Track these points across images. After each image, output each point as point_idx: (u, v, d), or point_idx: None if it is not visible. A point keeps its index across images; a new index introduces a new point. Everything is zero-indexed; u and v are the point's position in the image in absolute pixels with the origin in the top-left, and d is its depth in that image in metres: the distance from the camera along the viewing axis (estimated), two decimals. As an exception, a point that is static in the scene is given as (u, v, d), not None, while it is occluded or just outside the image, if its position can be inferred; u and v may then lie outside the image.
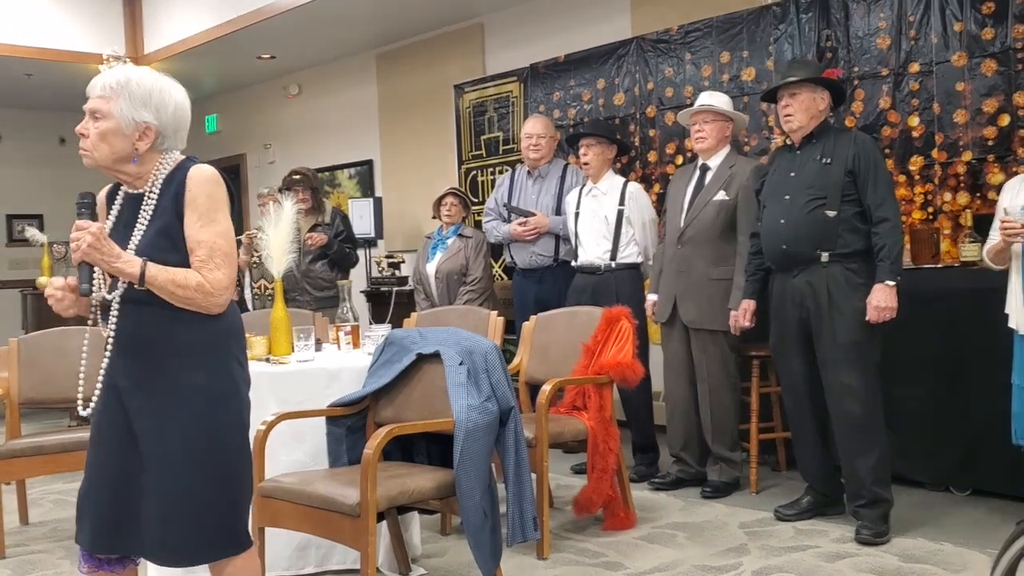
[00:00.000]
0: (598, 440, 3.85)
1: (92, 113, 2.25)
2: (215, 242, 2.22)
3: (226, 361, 2.30)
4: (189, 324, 2.24)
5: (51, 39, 7.90)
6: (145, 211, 2.25)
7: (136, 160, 2.26)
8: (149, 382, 2.23)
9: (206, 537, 2.25)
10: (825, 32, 4.91)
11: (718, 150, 4.45)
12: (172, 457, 2.21)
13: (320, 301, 5.78)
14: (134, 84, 2.25)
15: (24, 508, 4.42)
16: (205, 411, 2.24)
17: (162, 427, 2.22)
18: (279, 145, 9.24)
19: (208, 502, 2.23)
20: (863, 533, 3.63)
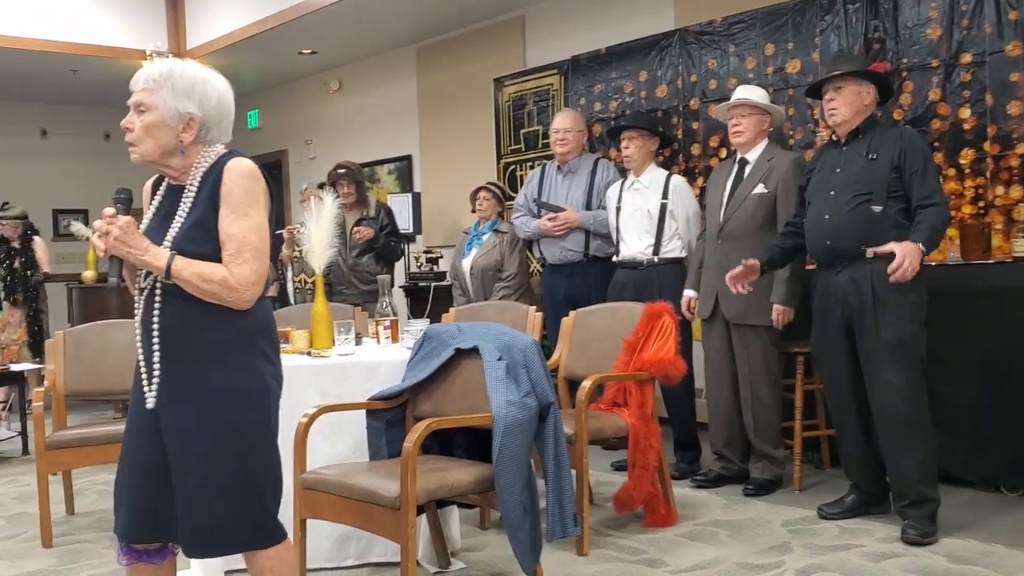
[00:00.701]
0: (639, 437, 3.81)
1: (136, 106, 2.25)
2: (245, 236, 2.21)
3: (254, 358, 2.28)
4: (219, 319, 2.23)
5: (95, 35, 8.01)
6: (184, 203, 2.25)
7: (183, 152, 2.26)
8: (176, 375, 2.24)
9: (230, 530, 2.25)
10: (873, 23, 4.82)
11: (756, 143, 4.40)
12: (193, 451, 2.22)
13: (366, 295, 5.82)
14: (177, 75, 2.25)
15: (70, 498, 4.48)
16: (229, 407, 2.23)
17: (186, 421, 2.22)
18: (320, 141, 9.29)
19: (230, 497, 2.23)
20: (909, 533, 3.57)
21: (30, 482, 4.98)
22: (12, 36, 7.61)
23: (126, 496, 2.30)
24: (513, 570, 3.33)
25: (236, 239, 2.20)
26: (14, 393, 6.68)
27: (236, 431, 2.24)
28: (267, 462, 2.30)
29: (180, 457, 2.22)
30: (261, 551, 2.30)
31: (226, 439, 2.23)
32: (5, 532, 4.21)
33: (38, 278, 7.50)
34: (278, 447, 2.36)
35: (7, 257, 7.49)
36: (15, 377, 6.26)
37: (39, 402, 4.04)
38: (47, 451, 3.98)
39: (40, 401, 4.04)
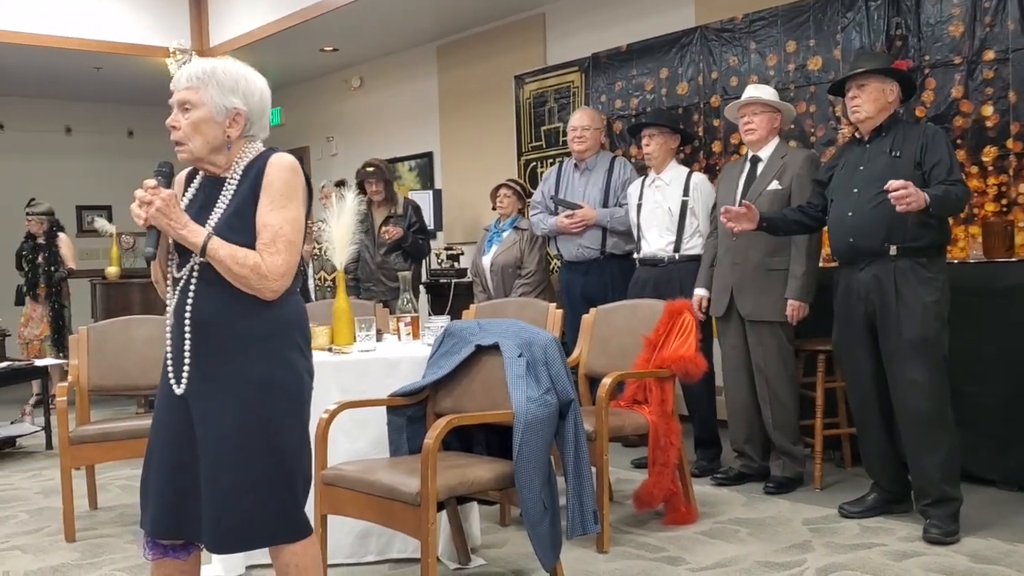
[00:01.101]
0: (659, 434, 3.81)
1: (181, 105, 2.27)
2: (281, 227, 2.24)
3: (287, 350, 2.31)
4: (253, 311, 2.26)
5: (119, 33, 8.06)
6: (225, 194, 2.29)
7: (229, 147, 2.29)
8: (210, 366, 2.25)
9: (259, 523, 2.26)
10: (895, 20, 4.79)
11: (768, 141, 4.41)
12: (226, 443, 2.23)
13: (394, 292, 5.87)
14: (221, 72, 2.28)
15: (93, 493, 4.52)
16: (262, 399, 2.25)
17: (218, 412, 2.24)
18: (341, 137, 9.32)
19: (261, 489, 2.25)
20: (931, 532, 3.55)
21: (54, 477, 5.04)
22: (37, 34, 7.68)
23: (153, 492, 2.32)
24: (533, 567, 3.34)
25: (271, 229, 2.23)
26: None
27: (269, 422, 2.25)
28: (298, 455, 2.32)
29: (212, 448, 2.24)
30: (287, 545, 2.31)
31: (259, 430, 2.24)
32: (29, 526, 4.26)
33: (62, 274, 7.56)
34: (309, 441, 2.38)
35: (31, 252, 7.55)
36: (39, 372, 6.32)
37: (63, 397, 4.07)
38: (70, 446, 4.01)
39: (64, 396, 4.08)
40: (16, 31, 7.58)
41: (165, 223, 2.17)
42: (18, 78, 9.04)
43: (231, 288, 2.23)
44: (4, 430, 6.12)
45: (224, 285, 2.24)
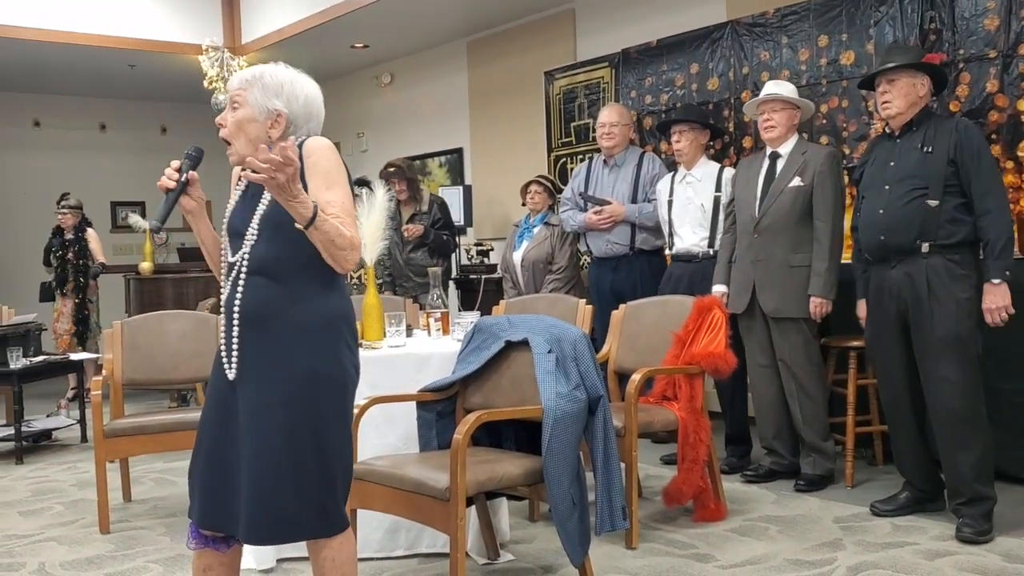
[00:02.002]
0: (688, 431, 3.80)
1: (231, 103, 2.37)
2: (343, 202, 2.28)
3: (336, 344, 2.33)
4: (305, 303, 2.30)
5: (153, 31, 8.15)
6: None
7: (271, 147, 2.29)
8: (261, 357, 2.29)
9: (299, 516, 2.28)
10: (929, 13, 4.73)
11: (787, 138, 4.39)
12: (271, 434, 2.25)
13: (422, 287, 5.99)
14: (268, 76, 2.37)
15: (127, 486, 4.58)
16: (309, 392, 2.27)
17: (264, 403, 2.27)
18: (372, 134, 9.36)
19: (303, 482, 2.26)
20: (964, 531, 3.51)
21: (88, 469, 5.11)
22: (72, 32, 7.78)
23: (198, 482, 2.36)
24: (562, 563, 3.34)
25: (338, 204, 2.26)
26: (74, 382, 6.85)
27: (314, 414, 2.28)
28: (341, 448, 2.34)
29: (256, 439, 2.26)
30: (325, 540, 2.33)
31: (303, 422, 2.27)
32: (64, 518, 4.32)
33: (96, 269, 7.65)
34: (351, 437, 2.40)
35: (61, 248, 7.65)
36: (75, 366, 6.41)
37: (97, 391, 4.12)
38: (105, 439, 4.06)
39: (98, 390, 4.13)
40: (52, 29, 7.69)
41: (287, 190, 2.13)
42: (54, 76, 9.16)
43: (280, 280, 2.29)
44: (41, 423, 6.21)
45: (272, 276, 2.29)
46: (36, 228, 8.97)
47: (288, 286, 2.29)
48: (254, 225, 2.31)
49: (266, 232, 2.30)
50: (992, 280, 3.49)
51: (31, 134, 10.16)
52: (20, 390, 5.62)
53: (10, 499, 4.70)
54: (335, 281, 2.36)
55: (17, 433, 5.57)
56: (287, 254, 2.29)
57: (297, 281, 2.30)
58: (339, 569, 2.35)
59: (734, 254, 4.49)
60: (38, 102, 10.09)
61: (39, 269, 7.97)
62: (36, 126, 10.19)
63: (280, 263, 2.29)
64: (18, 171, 10.01)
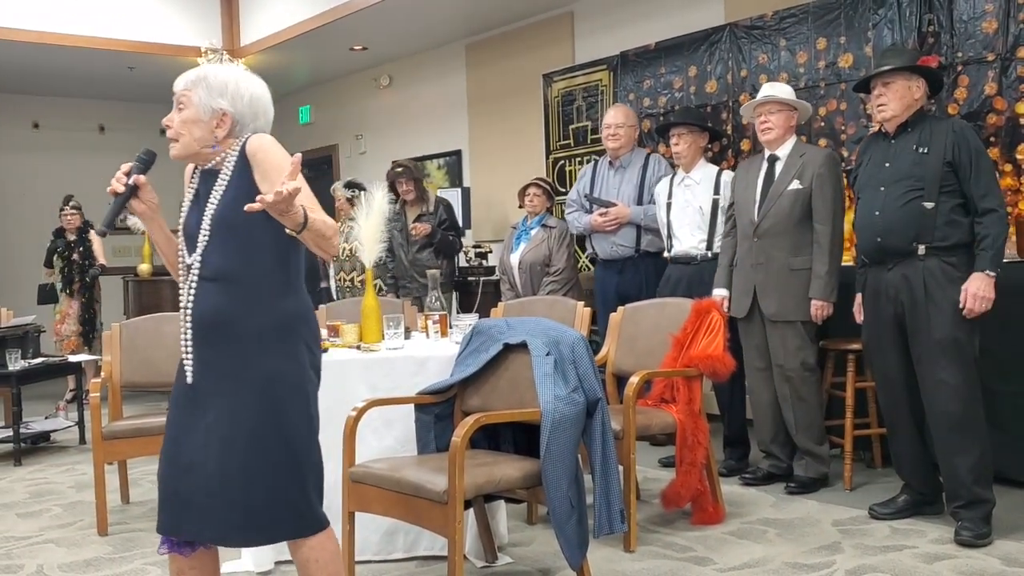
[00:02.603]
0: (687, 433, 3.80)
1: (177, 104, 2.37)
2: (305, 190, 2.21)
3: (296, 346, 2.34)
4: (263, 308, 2.30)
5: (152, 33, 8.16)
6: (219, 185, 2.33)
7: (216, 147, 2.35)
8: (220, 362, 2.29)
9: (271, 517, 2.29)
10: (927, 16, 4.74)
11: (785, 140, 4.38)
12: (238, 439, 2.26)
13: (427, 288, 5.96)
14: (212, 76, 2.37)
15: (125, 488, 4.58)
16: (272, 395, 2.28)
17: (230, 409, 2.27)
18: (370, 136, 9.36)
19: (272, 482, 2.27)
20: (963, 534, 3.51)
21: (87, 471, 5.11)
22: (71, 34, 7.79)
23: (162, 488, 2.35)
24: (560, 566, 3.34)
25: (304, 195, 2.19)
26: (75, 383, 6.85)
27: (279, 416, 2.29)
28: (308, 448, 2.34)
29: (221, 442, 2.26)
30: (305, 540, 2.33)
31: (269, 424, 2.27)
32: (62, 520, 4.32)
33: (96, 271, 7.66)
34: (318, 434, 2.39)
35: (66, 249, 7.65)
36: (73, 368, 6.41)
37: (96, 393, 4.12)
38: (103, 441, 4.06)
39: (97, 392, 4.13)
40: (51, 32, 7.69)
41: (283, 207, 2.08)
42: (53, 78, 9.16)
43: (235, 285, 2.29)
44: (39, 425, 6.20)
45: (227, 281, 2.29)
46: (35, 230, 8.97)
47: (245, 291, 2.29)
48: (205, 227, 2.30)
49: (218, 235, 2.29)
50: (987, 271, 3.48)
51: (30, 136, 10.16)
52: (19, 392, 5.62)
53: (8, 501, 4.70)
54: (292, 283, 2.36)
55: (16, 435, 5.57)
56: (242, 258, 2.29)
57: (254, 285, 2.30)
58: (324, 569, 2.35)
59: (735, 258, 4.48)
60: (37, 104, 10.09)
61: (37, 271, 7.97)
62: (35, 128, 10.20)
63: (235, 268, 2.29)
64: (17, 173, 10.01)
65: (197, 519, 2.29)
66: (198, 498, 2.28)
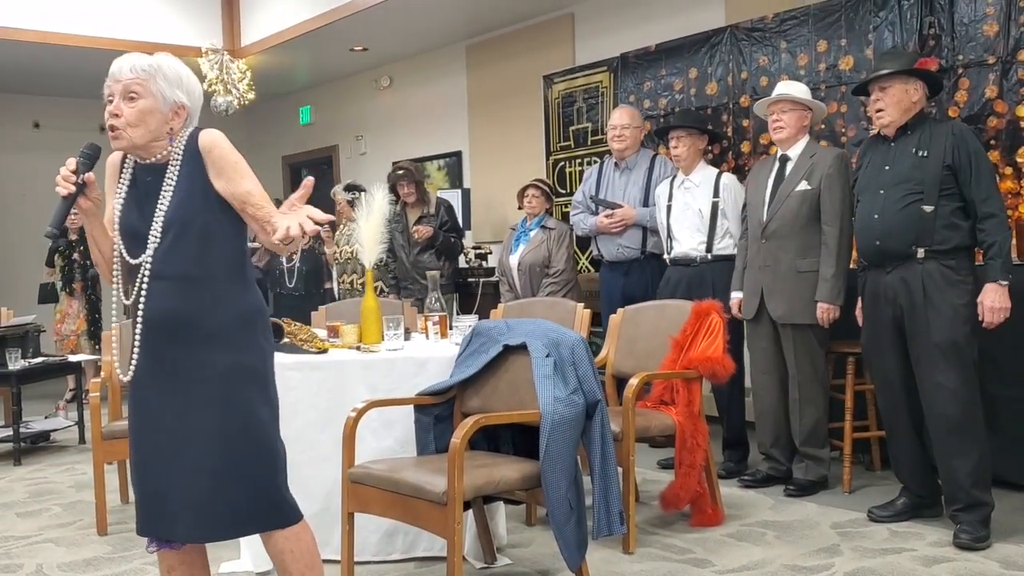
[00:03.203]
0: (686, 435, 3.80)
1: (126, 93, 2.29)
2: (258, 187, 2.29)
3: (254, 340, 2.35)
4: (222, 305, 2.30)
5: (152, 33, 8.15)
6: (169, 180, 2.30)
7: (172, 140, 2.32)
8: (181, 362, 2.28)
9: (243, 508, 2.30)
10: (928, 19, 4.74)
11: (797, 140, 4.36)
12: (207, 436, 2.26)
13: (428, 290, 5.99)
14: (166, 67, 2.33)
15: (125, 487, 4.57)
16: (238, 388, 2.29)
17: (195, 406, 2.27)
18: (370, 136, 9.36)
19: (247, 473, 2.29)
20: (962, 537, 3.51)
21: (86, 471, 5.11)
22: (72, 34, 7.78)
23: (137, 493, 2.36)
24: (559, 567, 3.34)
25: (256, 192, 2.27)
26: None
27: (248, 410, 2.30)
28: (276, 440, 2.36)
29: (193, 441, 2.26)
30: (279, 532, 2.35)
31: (237, 418, 2.29)
32: (62, 519, 4.32)
33: (95, 271, 7.66)
34: (278, 421, 2.41)
35: (67, 248, 7.66)
36: (73, 368, 6.41)
37: (96, 393, 4.12)
38: (103, 441, 4.07)
39: (97, 392, 4.13)
40: (52, 32, 7.69)
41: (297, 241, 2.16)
42: (54, 78, 9.16)
43: (191, 283, 2.27)
44: (39, 425, 6.21)
45: (182, 281, 2.27)
46: (35, 230, 8.92)
47: (203, 289, 2.28)
48: (156, 227, 2.27)
49: (171, 234, 2.26)
50: (999, 281, 3.50)
51: (31, 136, 10.16)
52: (19, 391, 5.62)
53: (8, 500, 4.70)
54: (246, 276, 2.38)
55: (15, 434, 5.57)
56: (198, 256, 2.28)
57: (212, 283, 2.29)
58: (299, 560, 2.37)
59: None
60: (38, 104, 10.09)
61: (38, 271, 7.97)
62: (36, 128, 10.19)
63: (191, 267, 2.27)
64: (17, 173, 10.00)
65: (175, 519, 2.29)
66: (174, 497, 2.27)
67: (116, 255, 2.34)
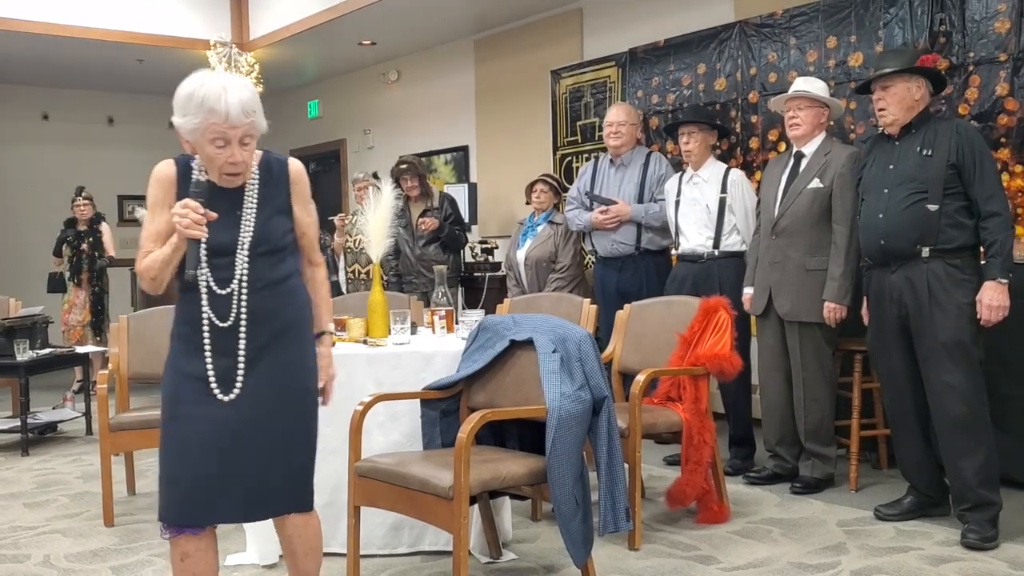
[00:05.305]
0: (693, 432, 3.79)
1: (243, 139, 2.34)
2: (315, 219, 2.60)
3: (311, 334, 2.54)
4: (292, 303, 2.48)
5: (161, 26, 8.16)
6: (249, 196, 2.43)
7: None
8: (266, 352, 2.42)
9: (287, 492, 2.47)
10: (939, 16, 4.72)
11: (813, 137, 4.33)
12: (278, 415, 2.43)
13: (434, 283, 5.98)
14: (253, 94, 2.37)
15: (132, 479, 4.59)
16: (306, 380, 2.50)
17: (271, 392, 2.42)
18: (378, 130, 9.36)
19: (300, 459, 2.48)
20: (969, 537, 3.50)
21: (93, 462, 5.12)
22: (81, 26, 7.79)
23: (193, 482, 2.39)
24: (564, 563, 3.34)
25: (313, 226, 2.57)
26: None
27: (307, 395, 2.51)
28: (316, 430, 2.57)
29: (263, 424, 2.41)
30: (297, 515, 2.50)
31: (306, 406, 2.50)
32: (69, 510, 4.33)
33: (103, 262, 7.69)
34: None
35: (76, 239, 7.68)
36: (81, 359, 6.42)
37: (103, 384, 4.13)
38: (110, 432, 4.08)
39: (104, 383, 4.14)
40: (61, 24, 7.70)
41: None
42: (63, 70, 9.17)
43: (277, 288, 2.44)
44: (46, 416, 6.22)
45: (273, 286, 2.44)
46: (43, 221, 8.99)
47: (286, 293, 2.47)
48: (245, 245, 2.39)
49: (260, 249, 2.41)
50: (999, 279, 3.48)
51: (39, 127, 10.17)
52: (26, 382, 5.63)
53: (15, 491, 4.72)
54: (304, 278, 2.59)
55: (23, 425, 5.59)
56: (279, 264, 2.46)
57: (285, 284, 2.47)
58: (307, 543, 2.55)
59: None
60: (47, 95, 10.11)
61: (46, 261, 7.99)
62: (44, 119, 10.21)
63: (277, 273, 2.45)
64: (26, 164, 10.03)
65: (227, 497, 2.39)
66: (227, 484, 2.38)
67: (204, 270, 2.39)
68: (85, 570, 3.50)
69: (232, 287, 2.38)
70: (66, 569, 3.51)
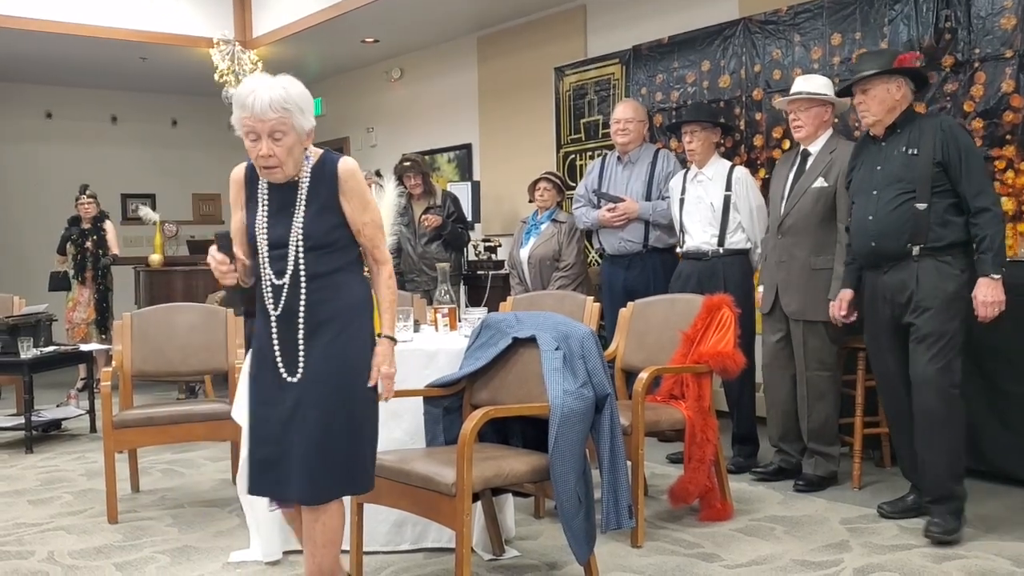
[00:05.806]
0: (696, 430, 3.79)
1: (272, 134, 2.47)
2: (375, 218, 2.66)
3: (369, 324, 2.67)
4: (339, 297, 2.59)
5: (165, 24, 8.17)
6: (300, 194, 2.57)
7: (307, 160, 2.58)
8: (320, 337, 2.56)
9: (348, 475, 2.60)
10: (944, 12, 4.70)
11: (818, 135, 4.32)
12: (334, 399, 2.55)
13: (436, 281, 5.97)
14: (296, 96, 2.50)
15: (135, 476, 4.60)
16: (362, 366, 2.61)
17: (311, 380, 2.56)
18: (381, 128, 9.36)
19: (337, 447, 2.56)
20: (932, 530, 3.50)
21: (97, 459, 5.13)
22: (85, 24, 7.80)
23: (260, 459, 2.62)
24: (567, 560, 3.34)
25: (372, 223, 2.64)
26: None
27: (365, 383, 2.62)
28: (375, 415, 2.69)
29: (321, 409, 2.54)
30: (329, 505, 2.60)
31: (364, 390, 2.62)
32: (73, 507, 4.34)
33: (107, 260, 7.70)
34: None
35: (80, 237, 7.69)
36: (84, 357, 6.44)
37: (107, 382, 4.14)
38: (114, 430, 4.08)
39: (108, 381, 4.15)
40: (65, 22, 7.71)
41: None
42: (66, 68, 9.18)
43: (327, 281, 2.57)
44: (50, 413, 6.24)
45: (322, 279, 2.56)
46: (47, 219, 8.99)
47: (337, 285, 2.58)
48: (297, 239, 2.53)
49: (311, 241, 2.55)
50: (992, 275, 3.46)
51: (43, 126, 10.19)
52: (30, 380, 5.64)
53: (20, 488, 4.73)
54: (359, 271, 2.67)
55: (27, 422, 5.60)
56: (329, 257, 2.58)
57: (340, 278, 2.59)
58: (325, 535, 2.61)
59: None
60: (50, 94, 10.12)
61: (49, 261, 8.00)
62: (48, 118, 10.22)
63: (326, 267, 2.57)
64: (30, 162, 10.04)
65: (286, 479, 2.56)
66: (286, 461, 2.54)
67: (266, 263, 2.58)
68: (89, 567, 3.51)
69: (286, 279, 2.55)
70: (70, 566, 3.52)
